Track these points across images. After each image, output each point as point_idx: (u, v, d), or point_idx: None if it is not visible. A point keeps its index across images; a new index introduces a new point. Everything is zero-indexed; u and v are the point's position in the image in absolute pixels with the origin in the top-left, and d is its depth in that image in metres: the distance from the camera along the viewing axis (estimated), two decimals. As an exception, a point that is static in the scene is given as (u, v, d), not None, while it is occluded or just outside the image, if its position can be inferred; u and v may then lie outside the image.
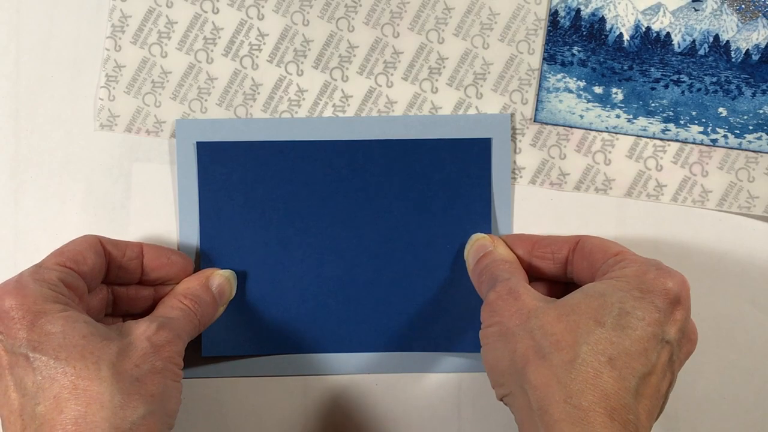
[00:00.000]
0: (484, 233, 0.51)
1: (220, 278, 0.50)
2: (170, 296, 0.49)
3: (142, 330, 0.44)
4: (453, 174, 0.51)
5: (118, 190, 0.52)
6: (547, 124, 0.52)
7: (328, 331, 0.52)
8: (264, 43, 0.52)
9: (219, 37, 0.52)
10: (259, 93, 0.52)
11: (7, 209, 0.52)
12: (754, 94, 0.51)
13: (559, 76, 0.51)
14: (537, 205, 0.52)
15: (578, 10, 0.51)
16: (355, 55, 0.52)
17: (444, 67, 0.52)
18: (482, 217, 0.51)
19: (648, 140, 0.51)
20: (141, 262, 0.49)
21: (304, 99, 0.52)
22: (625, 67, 0.51)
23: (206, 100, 0.52)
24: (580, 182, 0.52)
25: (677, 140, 0.51)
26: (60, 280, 0.44)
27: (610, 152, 0.52)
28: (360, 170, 0.52)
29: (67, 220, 0.52)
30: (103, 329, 0.43)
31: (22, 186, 0.52)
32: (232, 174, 0.51)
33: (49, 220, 0.52)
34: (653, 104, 0.51)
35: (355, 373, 0.52)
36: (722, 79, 0.51)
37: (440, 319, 0.52)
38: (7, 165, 0.52)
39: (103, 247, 0.47)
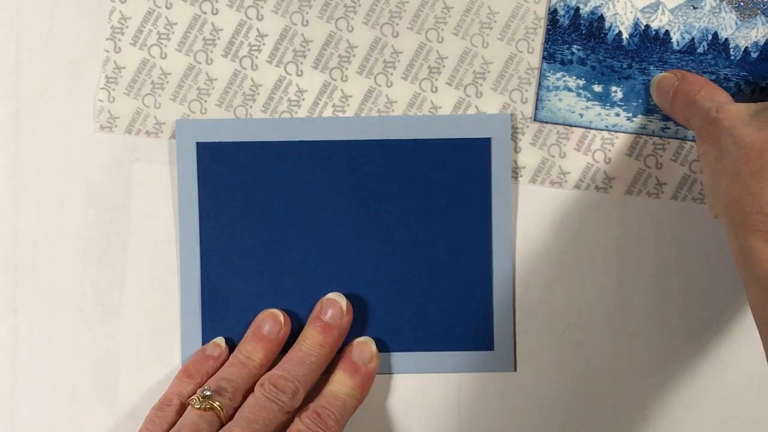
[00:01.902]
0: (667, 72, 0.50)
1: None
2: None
3: None
4: (453, 174, 0.51)
5: (118, 191, 0.52)
6: (546, 122, 0.52)
7: (329, 331, 0.52)
8: (263, 44, 0.52)
9: (218, 38, 0.52)
10: (258, 93, 0.52)
11: (7, 209, 0.52)
12: (752, 92, 0.51)
13: (558, 74, 0.51)
14: (537, 204, 0.52)
15: (577, 9, 0.51)
16: (354, 55, 0.52)
17: (443, 66, 0.52)
18: (482, 216, 0.51)
19: (647, 138, 0.51)
20: None
21: (303, 99, 0.52)
22: (625, 66, 0.51)
23: (206, 101, 0.52)
24: (581, 181, 0.52)
25: (677, 138, 0.51)
26: None
27: (609, 150, 0.52)
28: (360, 170, 0.52)
29: (67, 220, 0.52)
30: None
31: (22, 186, 0.52)
32: (232, 174, 0.51)
33: (49, 220, 0.52)
34: (652, 102, 0.51)
35: (355, 374, 0.52)
36: (721, 77, 0.51)
37: (440, 319, 0.52)
38: (7, 165, 0.52)
39: None
